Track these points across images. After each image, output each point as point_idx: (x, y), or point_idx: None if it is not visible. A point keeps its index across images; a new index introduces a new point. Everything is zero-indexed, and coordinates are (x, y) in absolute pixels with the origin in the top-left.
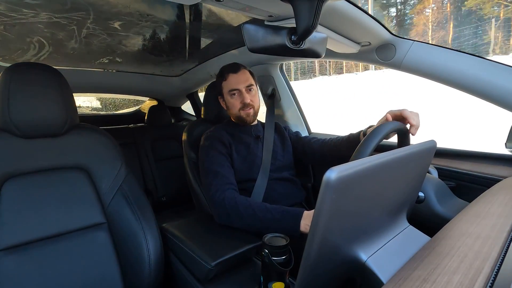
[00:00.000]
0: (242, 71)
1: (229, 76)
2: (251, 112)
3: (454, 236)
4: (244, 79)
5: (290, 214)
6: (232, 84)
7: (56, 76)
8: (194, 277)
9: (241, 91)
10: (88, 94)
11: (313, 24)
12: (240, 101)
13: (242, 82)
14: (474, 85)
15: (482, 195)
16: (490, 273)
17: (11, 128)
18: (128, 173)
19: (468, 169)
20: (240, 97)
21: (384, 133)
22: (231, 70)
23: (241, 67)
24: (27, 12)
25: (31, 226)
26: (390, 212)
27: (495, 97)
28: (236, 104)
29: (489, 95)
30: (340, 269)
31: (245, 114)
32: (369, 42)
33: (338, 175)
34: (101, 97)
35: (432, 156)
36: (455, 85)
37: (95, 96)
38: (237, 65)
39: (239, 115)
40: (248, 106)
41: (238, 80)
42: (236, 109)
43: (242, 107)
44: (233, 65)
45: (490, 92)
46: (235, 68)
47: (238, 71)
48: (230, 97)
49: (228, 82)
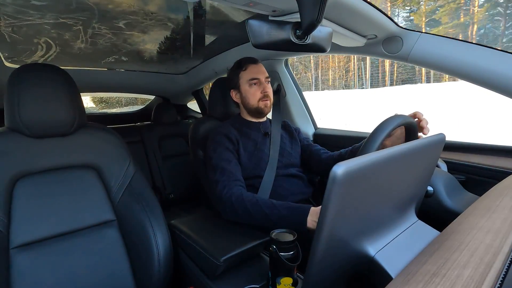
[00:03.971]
0: (260, 63)
1: (249, 66)
2: (268, 103)
3: (464, 230)
4: (263, 70)
5: (297, 210)
6: (253, 73)
7: (63, 77)
8: (203, 272)
9: (261, 81)
10: (92, 94)
11: (318, 18)
12: (260, 90)
13: (262, 73)
14: (484, 76)
15: (493, 189)
16: (501, 268)
17: (21, 128)
18: (136, 171)
19: (478, 162)
20: (260, 86)
21: (393, 126)
22: (250, 61)
23: (258, 61)
24: (34, 14)
25: (43, 224)
26: (398, 207)
27: (506, 88)
28: (256, 93)
29: (500, 86)
30: (348, 264)
31: (264, 105)
32: (375, 35)
33: (345, 170)
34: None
35: (441, 149)
36: (465, 76)
37: (90, 95)
38: (255, 58)
39: (257, 105)
40: (266, 96)
41: (259, 70)
42: (256, 99)
43: (262, 97)
44: (251, 57)
45: (501, 83)
46: (254, 60)
47: (257, 62)
48: (249, 87)
49: (248, 71)
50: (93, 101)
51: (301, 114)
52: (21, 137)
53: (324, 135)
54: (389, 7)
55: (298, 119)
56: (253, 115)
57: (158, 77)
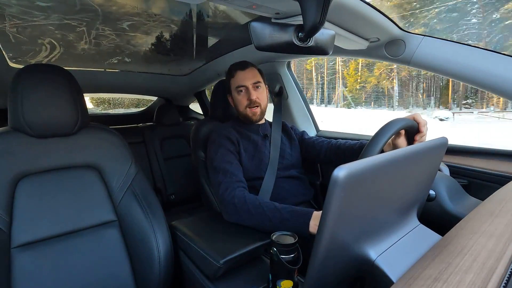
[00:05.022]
0: (250, 68)
1: (236, 73)
2: (257, 111)
3: (467, 235)
4: (251, 76)
5: (299, 214)
6: (239, 81)
7: (67, 77)
8: (203, 274)
9: (247, 88)
10: (95, 94)
11: (320, 21)
12: (246, 98)
13: (249, 79)
14: (487, 79)
15: (496, 193)
16: (504, 273)
17: (24, 128)
18: (137, 172)
19: (481, 167)
20: (246, 93)
21: (395, 130)
22: (238, 67)
23: (249, 65)
24: (39, 15)
25: (45, 224)
26: (400, 211)
27: (509, 92)
28: (242, 101)
29: (503, 89)
30: (349, 268)
31: (251, 113)
32: (378, 38)
33: (346, 173)
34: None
35: (443, 153)
36: (468, 80)
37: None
38: (245, 63)
39: (245, 113)
40: (254, 103)
41: (245, 77)
42: (243, 106)
43: (249, 104)
44: (241, 62)
45: (505, 86)
46: (243, 66)
47: (246, 68)
48: (237, 94)
49: (235, 78)
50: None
51: (303, 116)
52: (24, 137)
53: (326, 138)
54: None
55: (300, 122)
56: (245, 120)
57: (161, 78)
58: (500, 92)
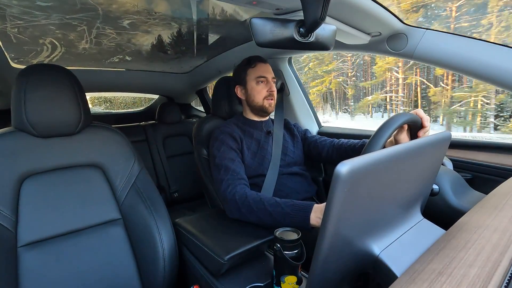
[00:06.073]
0: (268, 64)
1: (258, 64)
2: (273, 104)
3: (471, 229)
4: (270, 70)
5: (300, 207)
6: (261, 72)
7: (69, 77)
8: (208, 271)
9: (268, 80)
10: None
11: (321, 16)
12: (267, 89)
13: (269, 72)
14: (490, 72)
15: (500, 187)
16: (508, 266)
17: (27, 128)
18: (141, 170)
19: (484, 160)
20: (267, 85)
21: (398, 124)
22: (259, 60)
23: (267, 60)
24: (39, 14)
25: (50, 223)
26: (403, 205)
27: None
28: (262, 91)
29: (506, 82)
30: (352, 263)
31: (268, 104)
32: (379, 32)
33: (349, 168)
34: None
35: (446, 147)
36: (470, 73)
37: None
38: (263, 58)
39: (262, 104)
40: (271, 96)
41: (267, 69)
42: (261, 97)
43: (268, 95)
44: (260, 56)
45: (507, 79)
46: (264, 59)
47: (266, 62)
48: (256, 84)
49: (257, 69)
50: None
51: (305, 112)
52: (28, 137)
53: (328, 134)
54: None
55: (302, 118)
56: (256, 113)
57: (162, 77)
58: (502, 84)
